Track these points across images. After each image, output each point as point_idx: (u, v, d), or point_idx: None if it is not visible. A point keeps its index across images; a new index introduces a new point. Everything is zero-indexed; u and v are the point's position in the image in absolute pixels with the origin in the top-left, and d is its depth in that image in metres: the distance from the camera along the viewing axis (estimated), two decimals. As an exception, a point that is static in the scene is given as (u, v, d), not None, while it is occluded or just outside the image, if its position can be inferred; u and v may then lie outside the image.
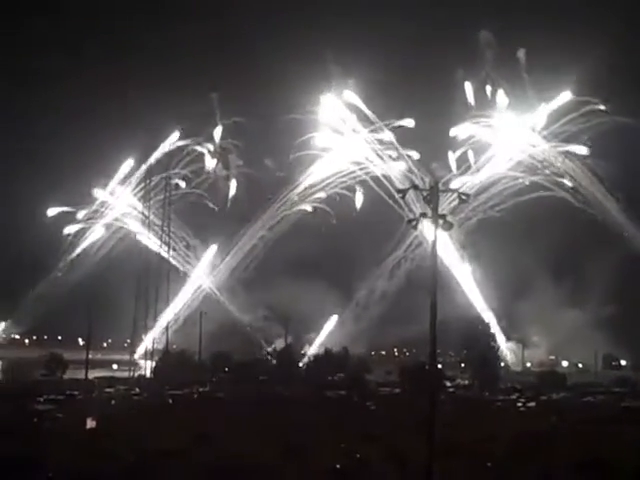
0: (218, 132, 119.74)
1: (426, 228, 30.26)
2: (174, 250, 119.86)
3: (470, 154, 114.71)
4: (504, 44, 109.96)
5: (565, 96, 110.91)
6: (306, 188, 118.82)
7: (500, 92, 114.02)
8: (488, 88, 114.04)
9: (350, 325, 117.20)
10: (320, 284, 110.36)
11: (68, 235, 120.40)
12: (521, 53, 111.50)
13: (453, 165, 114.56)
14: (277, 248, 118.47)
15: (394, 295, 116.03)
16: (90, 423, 46.15)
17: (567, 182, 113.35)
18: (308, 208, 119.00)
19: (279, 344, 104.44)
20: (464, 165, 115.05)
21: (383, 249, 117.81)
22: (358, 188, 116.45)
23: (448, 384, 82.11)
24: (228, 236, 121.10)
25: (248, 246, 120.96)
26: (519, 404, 67.23)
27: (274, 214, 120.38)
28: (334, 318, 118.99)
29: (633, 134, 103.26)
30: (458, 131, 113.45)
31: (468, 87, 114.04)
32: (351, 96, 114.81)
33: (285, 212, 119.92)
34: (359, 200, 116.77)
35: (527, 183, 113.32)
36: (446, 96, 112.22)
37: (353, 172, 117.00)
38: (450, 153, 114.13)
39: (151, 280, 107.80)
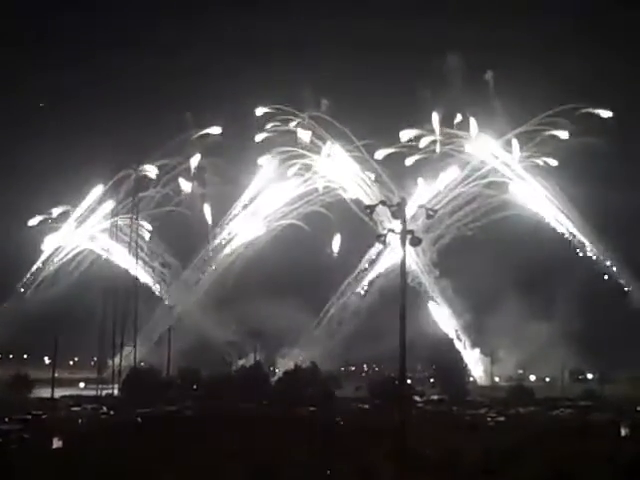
0: (195, 159, 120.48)
1: (400, 244, 30.35)
2: (151, 268, 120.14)
3: (441, 178, 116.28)
4: (473, 66, 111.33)
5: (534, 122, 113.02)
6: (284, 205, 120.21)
7: (467, 115, 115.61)
8: (458, 116, 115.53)
9: (322, 341, 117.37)
10: (293, 300, 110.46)
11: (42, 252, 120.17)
12: (489, 75, 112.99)
13: (421, 190, 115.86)
14: (252, 265, 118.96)
15: (366, 311, 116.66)
16: (57, 443, 45.55)
17: (537, 200, 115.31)
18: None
19: (249, 360, 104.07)
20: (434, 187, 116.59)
21: (357, 266, 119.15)
22: (336, 231, 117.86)
23: (418, 399, 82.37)
24: (204, 253, 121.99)
25: (224, 264, 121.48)
26: (488, 418, 67.64)
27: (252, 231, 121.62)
28: (306, 334, 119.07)
29: (602, 154, 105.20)
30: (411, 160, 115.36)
31: (435, 117, 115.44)
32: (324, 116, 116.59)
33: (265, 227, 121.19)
34: (337, 243, 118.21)
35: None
36: (415, 118, 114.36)
37: (331, 190, 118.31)
38: (420, 179, 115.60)
39: (120, 298, 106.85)
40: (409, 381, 71.09)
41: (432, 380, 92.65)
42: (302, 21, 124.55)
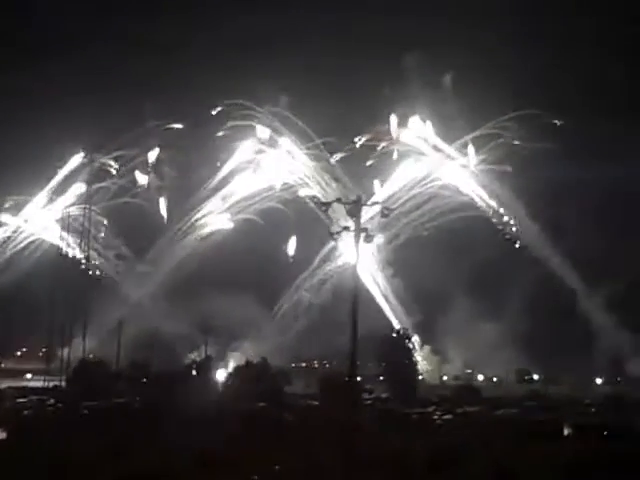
0: (154, 152, 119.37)
1: (354, 242, 30.58)
2: (105, 260, 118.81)
3: (395, 179, 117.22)
4: (431, 67, 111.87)
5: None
6: (239, 201, 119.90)
7: (424, 117, 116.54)
8: (414, 119, 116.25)
9: (274, 336, 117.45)
10: (247, 295, 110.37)
11: None
12: (447, 79, 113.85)
13: (378, 190, 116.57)
14: (207, 259, 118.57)
15: (318, 308, 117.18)
16: (0, 434, 44.93)
17: (490, 203, 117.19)
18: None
19: (201, 354, 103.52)
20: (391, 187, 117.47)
21: (311, 262, 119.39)
22: (292, 233, 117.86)
23: (366, 396, 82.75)
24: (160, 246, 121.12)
25: (178, 257, 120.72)
26: (435, 417, 68.36)
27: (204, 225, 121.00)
28: (258, 329, 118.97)
29: (552, 159, 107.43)
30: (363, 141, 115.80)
31: (393, 118, 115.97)
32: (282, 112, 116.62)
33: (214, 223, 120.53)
34: (292, 246, 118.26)
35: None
36: (375, 117, 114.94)
37: (288, 187, 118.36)
38: (376, 181, 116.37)
39: (71, 289, 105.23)
40: (359, 378, 71.44)
41: (381, 378, 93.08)
42: (265, 18, 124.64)
